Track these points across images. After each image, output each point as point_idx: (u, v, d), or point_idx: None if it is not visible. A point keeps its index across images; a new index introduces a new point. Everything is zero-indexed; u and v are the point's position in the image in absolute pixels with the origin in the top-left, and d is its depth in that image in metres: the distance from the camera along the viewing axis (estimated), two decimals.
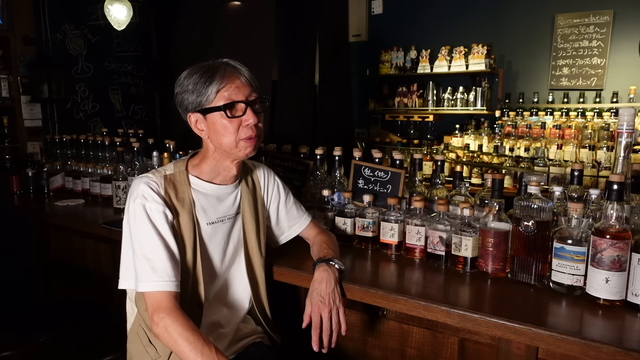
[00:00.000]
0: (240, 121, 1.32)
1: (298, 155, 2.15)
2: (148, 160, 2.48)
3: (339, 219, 1.80)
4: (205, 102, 1.31)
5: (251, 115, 1.32)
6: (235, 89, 1.31)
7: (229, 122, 1.31)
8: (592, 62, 4.11)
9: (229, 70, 1.32)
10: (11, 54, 3.78)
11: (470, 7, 4.57)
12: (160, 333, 1.21)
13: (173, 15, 5.21)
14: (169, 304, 1.23)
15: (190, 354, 1.17)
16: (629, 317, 1.19)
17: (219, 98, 1.30)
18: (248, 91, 1.33)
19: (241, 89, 1.32)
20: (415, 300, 1.30)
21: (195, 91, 1.31)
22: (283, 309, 1.66)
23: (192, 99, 1.32)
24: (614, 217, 1.22)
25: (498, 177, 1.50)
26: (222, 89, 1.30)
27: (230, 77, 1.31)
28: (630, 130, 1.30)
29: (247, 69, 1.36)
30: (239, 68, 1.35)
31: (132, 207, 1.30)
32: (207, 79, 1.30)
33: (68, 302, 2.17)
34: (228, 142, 1.33)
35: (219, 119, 1.32)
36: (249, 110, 1.32)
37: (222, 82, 1.30)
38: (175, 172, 1.38)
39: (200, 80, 1.30)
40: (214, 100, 1.30)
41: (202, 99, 1.31)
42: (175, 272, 1.26)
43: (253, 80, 1.36)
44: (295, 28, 4.64)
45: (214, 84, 1.30)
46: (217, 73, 1.31)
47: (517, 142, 3.61)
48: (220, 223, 1.42)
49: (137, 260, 1.27)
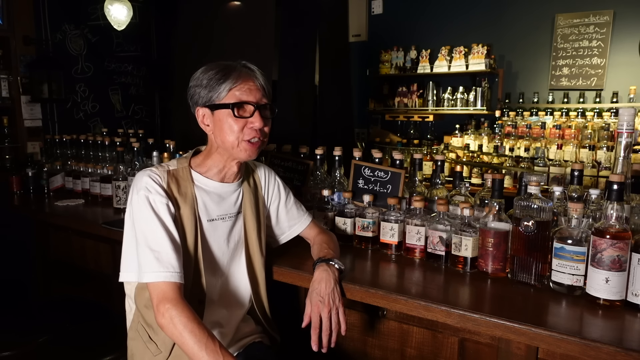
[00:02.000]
0: (246, 122, 1.33)
1: (298, 155, 2.15)
2: (148, 160, 2.48)
3: (339, 219, 1.80)
4: (216, 99, 1.33)
5: (258, 119, 1.34)
6: (247, 90, 1.33)
7: (234, 121, 1.32)
8: (592, 62, 4.11)
9: (244, 72, 1.35)
10: (11, 54, 3.77)
11: (470, 7, 4.57)
12: (166, 324, 1.21)
13: (173, 15, 5.21)
14: (175, 294, 1.23)
15: (194, 347, 1.17)
16: (629, 317, 1.19)
17: (229, 96, 1.32)
18: (259, 95, 1.35)
19: (253, 91, 1.34)
20: (415, 300, 1.30)
21: (208, 86, 1.33)
22: (283, 309, 1.66)
23: (204, 93, 1.34)
24: (614, 217, 1.22)
25: (498, 177, 1.50)
26: (235, 88, 1.32)
27: (244, 79, 1.33)
28: (630, 130, 1.30)
29: (262, 75, 1.38)
30: (255, 72, 1.37)
31: (136, 199, 1.31)
32: (222, 76, 1.32)
33: (68, 302, 2.17)
34: (230, 140, 1.34)
35: (225, 117, 1.33)
36: (256, 114, 1.34)
37: (235, 82, 1.32)
38: (178, 167, 1.39)
39: (215, 77, 1.33)
40: (224, 97, 1.32)
41: (214, 94, 1.33)
42: (179, 264, 1.26)
43: (266, 86, 1.38)
44: (295, 28, 4.63)
45: (228, 82, 1.32)
46: (233, 72, 1.33)
47: (517, 142, 3.61)
48: (220, 221, 1.43)
49: (141, 251, 1.27)
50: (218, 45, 4.86)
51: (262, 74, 1.38)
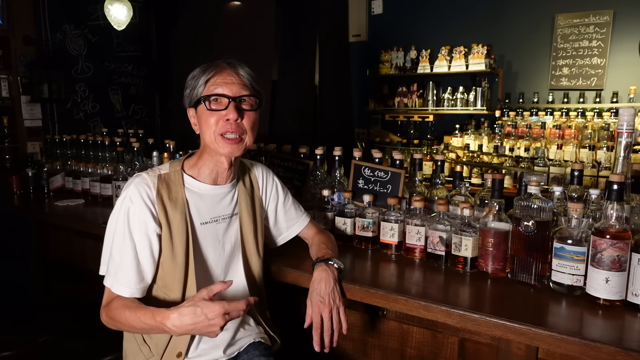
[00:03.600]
0: (220, 115, 1.31)
1: (298, 155, 2.15)
2: (148, 160, 2.48)
3: (339, 219, 1.80)
4: (195, 95, 1.33)
5: (232, 111, 1.30)
6: (224, 83, 1.31)
7: (209, 114, 1.31)
8: (592, 62, 4.11)
9: (222, 65, 1.33)
10: (11, 54, 3.78)
11: (470, 7, 4.57)
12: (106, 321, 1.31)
13: (173, 15, 5.21)
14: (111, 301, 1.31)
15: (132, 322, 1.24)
16: (629, 317, 1.19)
17: (206, 91, 1.31)
18: (237, 88, 1.32)
19: (229, 84, 1.31)
20: (415, 300, 1.30)
21: (190, 85, 1.34)
22: (282, 309, 1.66)
23: (188, 93, 1.35)
24: (614, 217, 1.22)
25: (498, 177, 1.50)
26: (210, 82, 1.31)
27: (220, 71, 1.32)
28: (630, 130, 1.30)
29: (246, 68, 1.36)
30: (236, 65, 1.35)
31: (118, 205, 1.34)
32: (200, 72, 1.33)
33: (68, 302, 2.17)
34: (209, 135, 1.33)
35: (203, 112, 1.33)
36: (231, 106, 1.30)
37: (212, 76, 1.31)
38: (170, 171, 1.39)
39: (195, 75, 1.33)
40: (202, 92, 1.32)
41: (194, 92, 1.33)
42: (137, 280, 1.30)
43: (249, 79, 1.35)
44: (295, 28, 4.63)
45: (204, 76, 1.32)
46: (210, 67, 1.33)
47: (517, 142, 3.61)
48: (214, 223, 1.42)
49: (111, 254, 1.33)
50: (218, 45, 4.86)
51: (244, 67, 1.35)
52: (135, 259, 1.30)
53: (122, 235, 1.30)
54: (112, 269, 1.31)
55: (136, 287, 1.30)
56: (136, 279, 1.30)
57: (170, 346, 1.34)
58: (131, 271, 1.29)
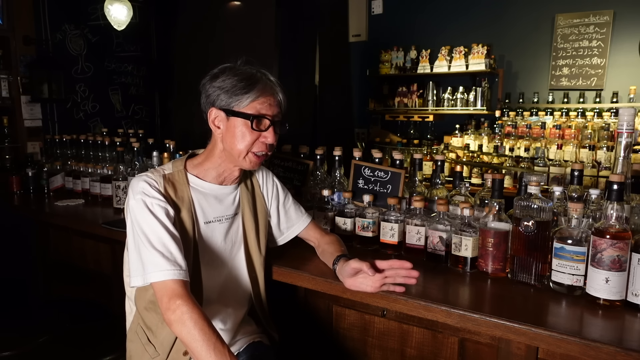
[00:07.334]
0: (259, 135, 1.35)
1: (298, 155, 2.15)
2: (148, 160, 2.48)
3: (339, 219, 1.80)
4: (236, 106, 1.33)
5: (271, 134, 1.36)
6: (268, 105, 1.35)
7: (249, 132, 1.34)
8: (592, 62, 4.11)
9: (268, 86, 1.36)
10: (11, 54, 3.77)
11: (470, 7, 4.57)
12: (175, 320, 1.18)
13: (173, 15, 5.21)
14: (185, 291, 1.22)
15: (202, 346, 1.14)
16: (629, 317, 1.19)
17: (250, 107, 1.33)
18: (277, 111, 1.38)
19: (273, 107, 1.36)
20: (415, 300, 1.30)
21: (230, 92, 1.33)
22: (283, 309, 1.66)
23: (224, 97, 1.34)
24: (614, 217, 1.22)
25: (498, 177, 1.50)
26: (257, 101, 1.33)
27: (268, 94, 1.35)
28: (630, 130, 1.30)
29: (282, 90, 1.40)
30: (276, 87, 1.39)
31: (133, 203, 1.30)
32: (246, 85, 1.33)
33: (68, 302, 2.17)
34: (239, 149, 1.35)
35: (240, 125, 1.34)
36: (271, 129, 1.36)
37: (260, 95, 1.34)
38: (173, 171, 1.39)
39: (239, 85, 1.33)
40: (245, 107, 1.33)
41: (234, 101, 1.33)
42: (185, 262, 1.26)
43: (284, 102, 1.40)
44: (296, 28, 4.64)
45: (252, 94, 1.33)
46: (257, 84, 1.34)
47: (517, 142, 3.61)
48: (217, 222, 1.43)
49: (144, 252, 1.25)
50: (218, 45, 4.86)
51: (281, 89, 1.40)
52: (177, 241, 1.27)
53: (152, 225, 1.26)
54: (155, 261, 1.23)
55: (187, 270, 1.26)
56: (185, 262, 1.26)
57: (176, 345, 1.33)
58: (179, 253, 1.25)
